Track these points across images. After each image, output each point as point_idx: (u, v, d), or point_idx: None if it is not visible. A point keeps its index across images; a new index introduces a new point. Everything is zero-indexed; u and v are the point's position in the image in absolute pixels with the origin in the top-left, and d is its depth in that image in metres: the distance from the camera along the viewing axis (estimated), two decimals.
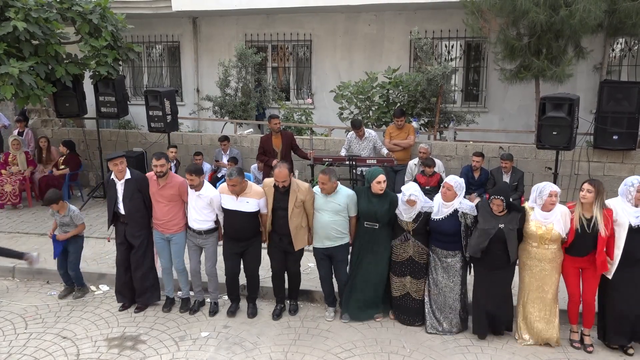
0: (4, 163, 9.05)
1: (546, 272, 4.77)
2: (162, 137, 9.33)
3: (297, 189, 5.09)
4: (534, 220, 4.72)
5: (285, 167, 5.05)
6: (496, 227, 4.70)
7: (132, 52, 8.83)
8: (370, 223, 5.08)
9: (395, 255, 5.15)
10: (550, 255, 4.73)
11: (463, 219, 4.88)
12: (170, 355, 4.78)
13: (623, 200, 4.64)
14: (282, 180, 5.02)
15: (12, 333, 5.15)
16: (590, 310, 4.85)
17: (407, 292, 5.18)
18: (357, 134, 8.09)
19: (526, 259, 4.84)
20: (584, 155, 8.06)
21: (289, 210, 5.08)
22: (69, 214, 5.67)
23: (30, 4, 7.37)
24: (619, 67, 10.64)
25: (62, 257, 5.76)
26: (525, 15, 8.03)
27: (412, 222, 5.01)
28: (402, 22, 11.14)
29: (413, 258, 5.10)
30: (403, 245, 5.10)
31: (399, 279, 5.19)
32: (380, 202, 5.02)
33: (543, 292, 4.81)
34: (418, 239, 5.05)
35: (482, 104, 11.29)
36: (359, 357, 4.74)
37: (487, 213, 4.80)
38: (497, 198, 4.71)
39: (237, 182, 5.03)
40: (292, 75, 12.50)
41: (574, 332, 4.96)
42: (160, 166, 5.20)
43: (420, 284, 5.16)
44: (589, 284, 4.80)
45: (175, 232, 5.40)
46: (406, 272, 5.15)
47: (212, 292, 5.54)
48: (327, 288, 5.41)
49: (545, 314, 4.84)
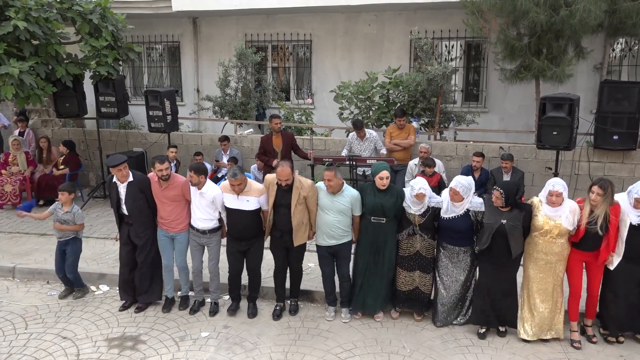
0: (4, 163, 9.05)
1: (551, 265, 4.81)
2: (162, 137, 9.33)
3: (300, 186, 5.11)
4: (543, 215, 4.73)
5: (287, 165, 5.05)
6: (499, 222, 4.74)
7: (132, 52, 8.83)
8: (377, 218, 5.08)
9: (402, 250, 5.17)
10: (557, 249, 4.77)
11: (475, 217, 4.93)
12: (170, 356, 4.78)
13: (627, 199, 4.72)
14: (285, 179, 5.02)
15: (12, 333, 5.15)
16: (594, 302, 4.95)
17: (417, 287, 5.23)
18: (359, 134, 8.09)
19: (532, 252, 4.86)
20: (584, 156, 8.05)
21: (291, 207, 5.09)
22: (72, 211, 5.65)
23: (31, 3, 7.37)
24: (619, 67, 10.65)
25: (60, 260, 5.73)
26: (525, 15, 8.02)
27: (420, 215, 5.03)
28: (402, 22, 11.14)
29: (420, 252, 5.13)
30: (410, 239, 5.12)
31: (408, 274, 5.21)
32: (386, 196, 5.04)
33: (547, 284, 4.85)
34: (425, 233, 5.08)
35: (482, 104, 11.30)
36: (359, 357, 4.74)
37: (491, 208, 4.85)
38: (497, 190, 4.76)
39: (242, 181, 5.05)
40: (292, 75, 12.51)
41: (574, 331, 4.98)
42: (165, 169, 5.21)
43: (428, 278, 5.21)
44: (593, 277, 4.87)
45: (179, 231, 5.41)
46: (415, 266, 5.18)
47: (213, 292, 5.54)
48: (329, 286, 5.41)
49: (549, 305, 4.88)
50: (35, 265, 6.50)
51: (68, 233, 5.68)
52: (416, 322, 5.31)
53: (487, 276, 4.97)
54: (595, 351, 4.83)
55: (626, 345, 4.91)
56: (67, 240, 5.70)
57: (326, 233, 5.17)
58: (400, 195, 5.08)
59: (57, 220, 5.68)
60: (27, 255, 6.84)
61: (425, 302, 5.31)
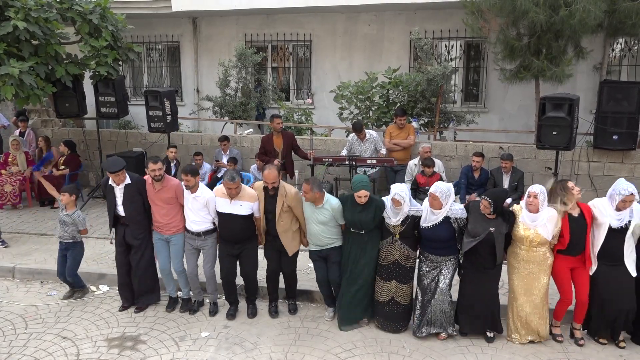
0: (4, 163, 9.04)
1: (534, 275, 4.77)
2: (162, 137, 9.33)
3: (285, 194, 5.11)
4: (522, 223, 4.71)
5: (274, 168, 5.08)
6: (487, 229, 4.68)
7: (132, 52, 8.83)
8: (356, 230, 5.05)
9: (381, 259, 5.07)
10: (539, 258, 4.74)
11: (456, 224, 4.83)
12: (170, 356, 4.78)
13: (609, 202, 4.69)
14: (272, 181, 5.03)
15: (12, 333, 5.15)
16: (583, 308, 4.88)
17: (392, 297, 5.06)
18: (359, 136, 8.09)
19: (514, 261, 4.84)
20: (583, 156, 8.06)
21: (276, 213, 5.11)
22: (72, 215, 5.64)
23: (30, 4, 7.37)
24: (618, 67, 10.65)
25: (61, 263, 5.74)
26: (525, 15, 8.03)
27: (399, 225, 4.93)
28: (402, 22, 11.15)
29: (399, 262, 4.99)
30: (389, 248, 5.01)
31: (385, 284, 5.08)
32: (364, 211, 4.94)
33: (532, 295, 4.81)
34: (405, 242, 4.97)
35: (482, 104, 11.30)
36: (359, 357, 4.74)
37: (478, 215, 4.76)
38: (485, 199, 4.67)
39: (239, 185, 5.06)
40: (292, 76, 12.51)
41: (556, 326, 5.02)
42: (158, 170, 5.20)
43: (405, 289, 5.07)
44: (581, 283, 4.84)
45: (174, 234, 5.41)
46: (391, 276, 5.04)
47: (211, 293, 5.54)
48: (325, 290, 5.40)
49: (534, 316, 4.85)
50: (35, 265, 6.50)
51: (68, 237, 5.67)
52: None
53: (470, 283, 4.90)
54: (595, 351, 4.82)
55: (626, 345, 4.88)
56: (68, 244, 5.69)
57: (314, 240, 5.22)
58: (379, 207, 4.95)
59: (60, 220, 5.68)
60: (27, 255, 6.84)
61: (401, 316, 5.11)
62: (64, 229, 5.67)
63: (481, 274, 4.84)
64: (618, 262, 4.70)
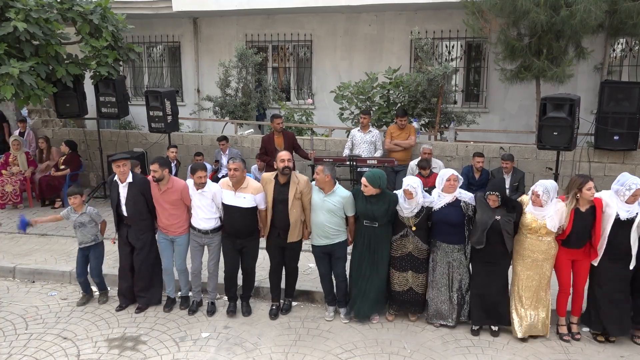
0: (4, 163, 9.05)
1: (538, 263, 4.85)
2: (162, 138, 9.34)
3: (297, 181, 5.16)
4: (530, 212, 4.80)
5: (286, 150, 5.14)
6: (493, 217, 4.78)
7: (132, 52, 8.84)
8: (369, 222, 5.10)
9: (395, 251, 5.18)
10: (544, 247, 4.82)
11: (466, 209, 4.95)
12: (170, 356, 4.78)
13: (616, 197, 4.72)
14: (287, 158, 5.13)
15: (13, 334, 5.15)
16: (580, 299, 5.00)
17: (410, 287, 5.21)
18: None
19: (520, 249, 4.92)
20: (584, 156, 8.05)
21: (289, 201, 5.12)
22: (87, 212, 5.59)
23: (31, 4, 7.37)
24: (619, 68, 10.63)
25: (81, 264, 5.66)
26: (525, 16, 8.02)
27: (414, 217, 5.03)
28: (403, 23, 11.14)
29: (412, 254, 5.14)
30: (402, 240, 5.13)
31: (401, 274, 5.21)
32: (378, 203, 5.02)
33: (534, 281, 4.89)
34: (418, 235, 5.08)
35: (482, 105, 11.29)
36: (359, 357, 4.74)
37: (484, 205, 4.88)
38: (492, 194, 4.78)
39: (239, 167, 5.10)
40: (292, 76, 12.50)
41: (562, 325, 5.05)
42: (154, 171, 5.21)
43: (422, 277, 5.21)
44: (580, 274, 4.93)
45: (179, 234, 5.42)
46: (407, 266, 5.18)
47: (211, 292, 5.54)
48: (327, 286, 5.40)
49: (534, 302, 4.92)
50: (35, 265, 6.49)
51: (89, 239, 5.61)
52: (417, 323, 5.31)
53: (480, 274, 5.00)
54: (595, 352, 4.82)
55: (626, 345, 4.90)
56: (89, 246, 5.63)
57: (318, 233, 5.21)
58: (392, 200, 5.07)
59: (76, 225, 5.59)
60: (27, 255, 6.84)
61: (419, 302, 5.29)
62: (83, 231, 5.57)
63: (491, 265, 4.93)
64: (621, 256, 4.72)
